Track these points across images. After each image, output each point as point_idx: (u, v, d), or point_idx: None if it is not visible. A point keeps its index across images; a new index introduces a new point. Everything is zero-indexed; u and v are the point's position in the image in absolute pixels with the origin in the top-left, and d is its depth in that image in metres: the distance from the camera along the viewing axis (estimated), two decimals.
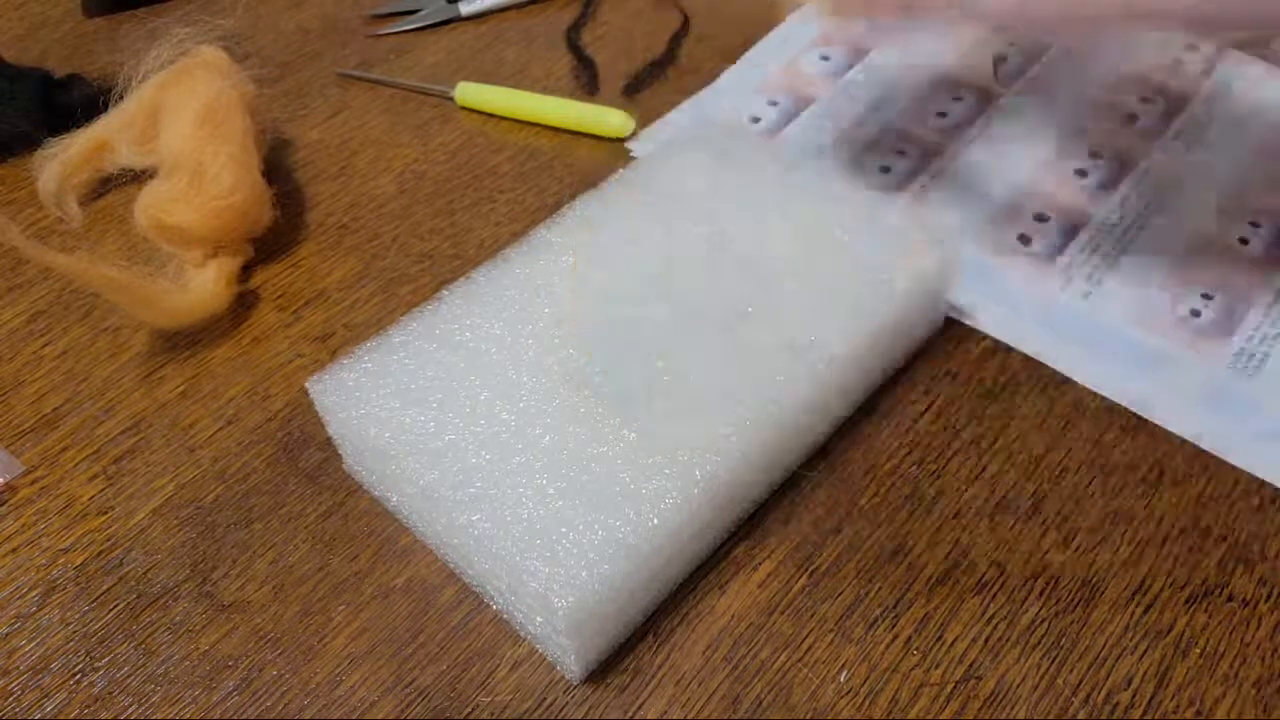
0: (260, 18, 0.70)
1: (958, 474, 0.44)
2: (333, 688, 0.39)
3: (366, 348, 0.43)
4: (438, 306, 0.45)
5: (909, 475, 0.44)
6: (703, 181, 0.49)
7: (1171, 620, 0.39)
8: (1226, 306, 0.49)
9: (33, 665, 0.40)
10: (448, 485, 0.38)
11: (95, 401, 0.49)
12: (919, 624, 0.39)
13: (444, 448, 0.39)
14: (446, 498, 0.38)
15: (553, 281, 0.45)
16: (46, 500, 0.45)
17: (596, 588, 0.35)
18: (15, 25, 0.71)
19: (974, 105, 0.60)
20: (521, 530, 0.37)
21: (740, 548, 0.42)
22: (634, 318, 0.44)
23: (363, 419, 0.41)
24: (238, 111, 0.54)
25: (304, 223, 0.57)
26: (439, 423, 0.40)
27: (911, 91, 0.60)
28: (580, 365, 0.42)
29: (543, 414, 0.40)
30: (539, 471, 0.38)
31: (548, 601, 0.35)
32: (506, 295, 0.45)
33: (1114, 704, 0.37)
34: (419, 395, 0.41)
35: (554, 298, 0.45)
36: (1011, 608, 0.40)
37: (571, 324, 0.44)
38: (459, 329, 0.44)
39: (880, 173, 0.56)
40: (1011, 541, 0.42)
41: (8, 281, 0.55)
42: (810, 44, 0.64)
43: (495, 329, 0.43)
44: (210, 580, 0.42)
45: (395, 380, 0.42)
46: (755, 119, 0.60)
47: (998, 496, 0.43)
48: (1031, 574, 0.41)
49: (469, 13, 0.69)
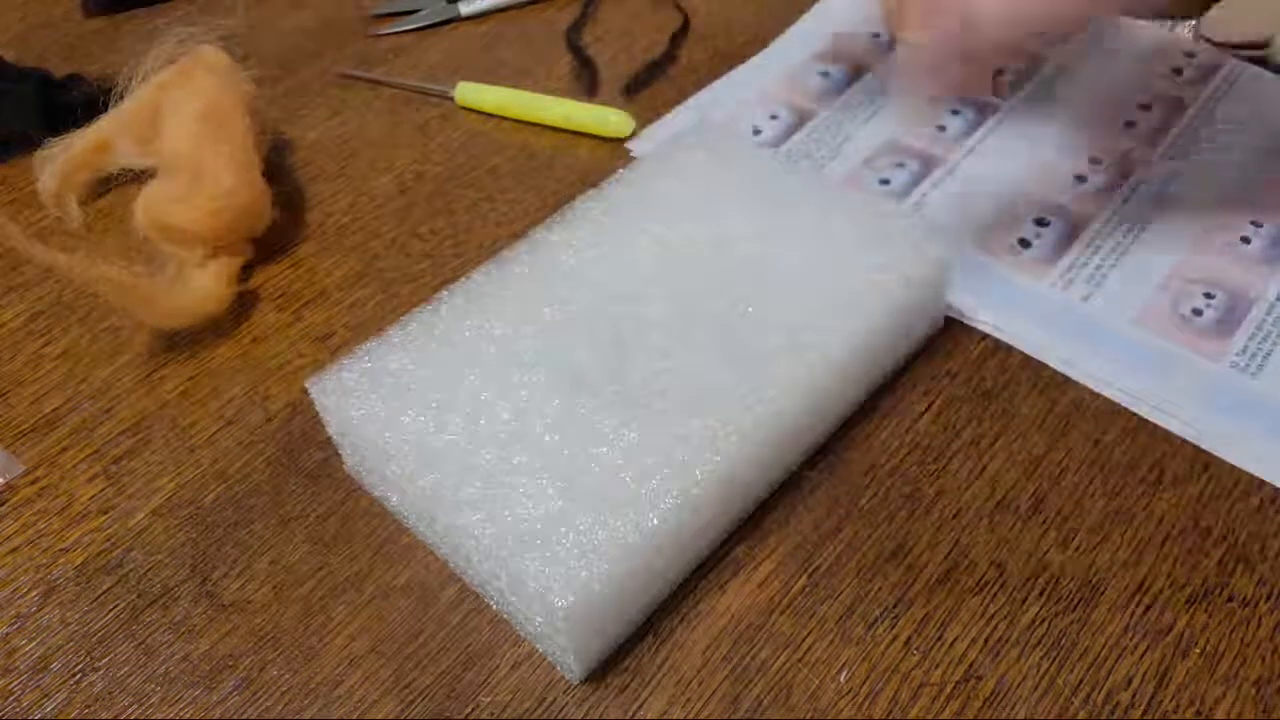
0: (260, 18, 0.70)
1: (958, 474, 0.44)
2: (333, 688, 0.39)
3: (366, 348, 0.43)
4: (437, 306, 0.45)
5: (909, 475, 0.44)
6: (702, 181, 0.49)
7: (1171, 620, 0.39)
8: (1228, 306, 0.49)
9: (33, 665, 0.40)
10: (448, 485, 0.38)
11: (95, 401, 0.49)
12: (919, 624, 0.39)
13: (444, 448, 0.39)
14: (447, 498, 0.38)
15: (552, 281, 0.45)
16: (46, 500, 0.45)
17: (596, 588, 0.35)
18: (15, 25, 0.71)
19: (973, 118, 0.60)
20: (521, 530, 0.37)
21: (740, 548, 0.42)
22: (633, 317, 0.44)
23: (362, 419, 0.41)
24: (238, 111, 0.54)
25: (304, 223, 0.57)
26: (439, 423, 0.40)
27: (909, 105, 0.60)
28: (580, 365, 0.42)
29: (543, 414, 0.40)
30: (539, 471, 0.38)
31: (547, 601, 0.35)
32: (506, 295, 0.45)
33: (1114, 704, 0.37)
34: (419, 395, 0.41)
35: (553, 297, 0.45)
36: (1011, 608, 0.40)
37: (571, 324, 0.44)
38: (459, 329, 0.43)
39: (879, 185, 0.56)
40: (1011, 541, 0.42)
41: (8, 281, 0.55)
42: (810, 60, 0.64)
43: (495, 329, 0.43)
44: (210, 580, 0.42)
45: (395, 380, 0.42)
46: (756, 130, 0.60)
47: (998, 496, 0.43)
48: (1031, 574, 0.41)
49: (469, 13, 0.69)
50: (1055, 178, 0.56)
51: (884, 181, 0.56)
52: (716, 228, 0.47)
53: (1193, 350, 0.48)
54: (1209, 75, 0.61)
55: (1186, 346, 0.48)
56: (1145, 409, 0.45)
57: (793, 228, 0.47)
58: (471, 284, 0.45)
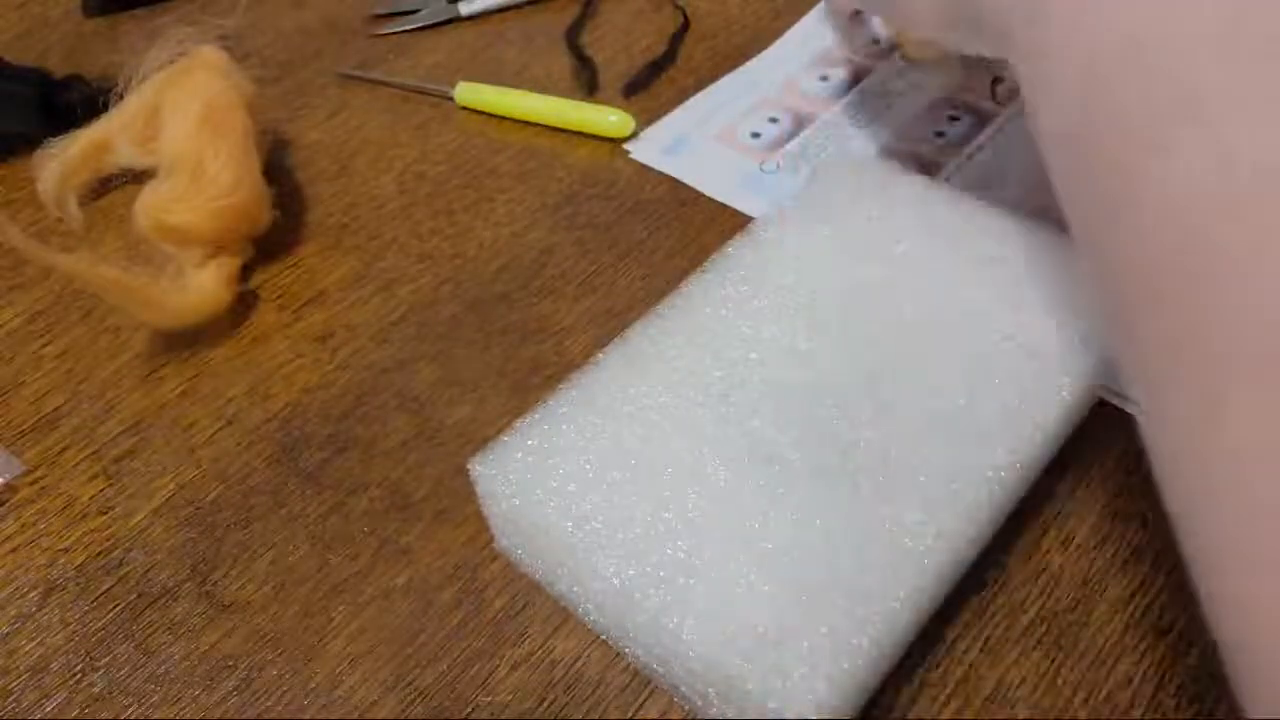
0: (260, 18, 0.70)
1: None
2: (333, 688, 0.39)
3: (529, 423, 0.39)
4: (596, 373, 0.41)
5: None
6: (861, 221, 0.46)
7: (1172, 620, 0.39)
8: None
9: (33, 665, 0.40)
10: (646, 583, 0.34)
11: (95, 401, 0.49)
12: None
13: (634, 540, 0.35)
14: (648, 598, 0.34)
15: (716, 340, 0.41)
16: (46, 500, 0.45)
17: (828, 699, 0.32)
18: (15, 25, 0.71)
19: (972, 125, 0.60)
20: (737, 635, 0.33)
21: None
22: (812, 378, 0.40)
23: (538, 505, 0.37)
24: (238, 111, 0.54)
25: (304, 223, 0.57)
26: (623, 510, 0.36)
27: (909, 112, 0.60)
28: (764, 436, 0.38)
29: (737, 495, 0.36)
30: (745, 564, 0.34)
31: (774, 711, 0.32)
32: (669, 357, 0.41)
33: (1114, 704, 0.37)
34: (596, 478, 0.37)
35: (721, 359, 0.40)
36: (1011, 608, 0.40)
37: (744, 387, 0.39)
38: (622, 399, 0.39)
39: None
40: (1011, 541, 0.42)
41: (8, 281, 0.55)
42: (810, 63, 0.64)
43: (662, 397, 0.39)
44: (210, 580, 0.42)
45: (566, 460, 0.38)
46: (755, 134, 0.60)
47: None
48: (1031, 574, 0.41)
49: (469, 13, 0.69)
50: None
51: None
52: (890, 273, 0.43)
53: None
54: None
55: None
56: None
57: (968, 269, 0.43)
58: (628, 345, 0.41)
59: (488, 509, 0.40)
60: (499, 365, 0.49)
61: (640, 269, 0.53)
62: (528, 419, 0.39)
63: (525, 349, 0.49)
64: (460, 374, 0.49)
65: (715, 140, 0.59)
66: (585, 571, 0.36)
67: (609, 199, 0.57)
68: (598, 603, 0.37)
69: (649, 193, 0.57)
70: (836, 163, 0.50)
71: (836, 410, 0.38)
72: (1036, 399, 0.39)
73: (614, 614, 0.36)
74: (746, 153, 0.59)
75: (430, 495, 0.44)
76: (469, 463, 0.39)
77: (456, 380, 0.48)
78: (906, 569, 0.34)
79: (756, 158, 0.58)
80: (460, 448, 0.46)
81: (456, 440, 0.46)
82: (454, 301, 0.52)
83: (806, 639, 0.32)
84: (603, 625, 0.38)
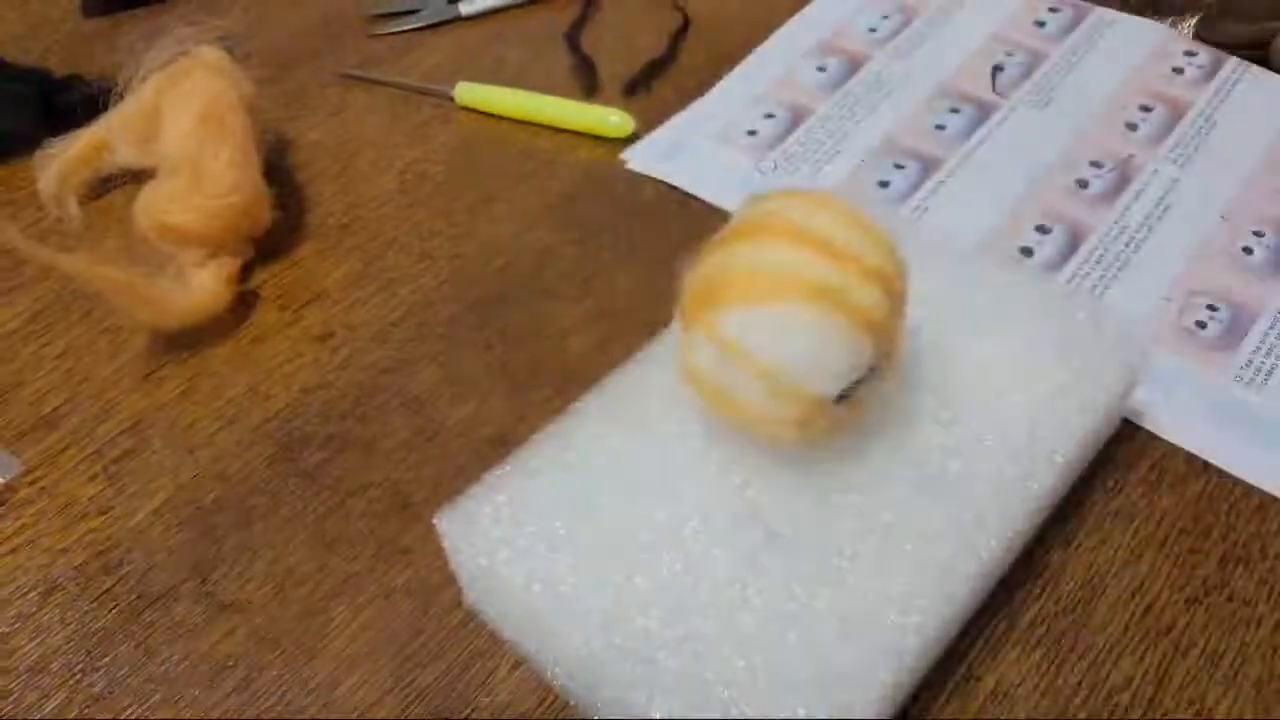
0: (260, 18, 0.70)
1: None
2: (333, 688, 0.39)
3: (498, 475, 0.37)
4: (571, 422, 0.38)
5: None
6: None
7: (1172, 620, 0.39)
8: (1232, 318, 0.49)
9: (32, 665, 0.40)
10: (616, 657, 0.33)
11: (95, 401, 0.49)
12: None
13: (605, 607, 0.34)
14: (616, 672, 0.32)
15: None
16: (46, 500, 0.45)
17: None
18: (15, 25, 0.71)
19: (972, 117, 0.59)
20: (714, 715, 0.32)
21: None
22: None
23: (506, 564, 0.35)
24: (238, 111, 0.54)
25: (304, 223, 0.57)
26: (595, 574, 0.34)
27: (909, 104, 0.60)
28: (750, 500, 0.36)
29: (716, 563, 0.34)
30: (724, 640, 0.33)
31: None
32: (647, 405, 0.38)
33: (1114, 704, 0.37)
34: (567, 537, 0.35)
35: (703, 413, 0.38)
36: (1011, 608, 0.40)
37: (727, 447, 0.37)
38: (599, 452, 0.37)
39: (879, 187, 0.56)
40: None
41: (8, 281, 0.55)
42: (808, 54, 0.64)
43: (642, 450, 0.37)
44: (210, 580, 0.42)
45: (537, 519, 0.36)
46: (751, 132, 0.60)
47: None
48: (1031, 574, 0.41)
49: (469, 13, 0.69)
50: (1056, 183, 0.56)
51: (884, 184, 0.56)
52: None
53: (1197, 364, 0.47)
54: (1210, 75, 0.61)
55: (1191, 360, 0.47)
56: (1148, 422, 0.45)
57: (971, 327, 0.41)
58: (604, 395, 0.39)
59: (455, 565, 0.39)
60: (499, 365, 0.49)
61: (640, 269, 0.53)
62: (498, 471, 0.38)
63: (525, 349, 0.49)
64: (460, 374, 0.49)
65: (712, 141, 0.59)
66: (552, 637, 0.35)
67: (609, 199, 0.57)
68: (565, 669, 0.35)
69: (649, 193, 0.57)
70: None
71: (829, 473, 0.36)
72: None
73: (582, 683, 0.35)
74: (743, 152, 0.58)
75: (430, 495, 0.44)
76: (436, 517, 0.38)
77: (456, 380, 0.48)
78: (890, 645, 0.33)
79: (753, 156, 0.58)
80: (460, 448, 0.46)
81: (457, 440, 0.46)
82: (454, 301, 0.52)
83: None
84: (571, 690, 0.36)
